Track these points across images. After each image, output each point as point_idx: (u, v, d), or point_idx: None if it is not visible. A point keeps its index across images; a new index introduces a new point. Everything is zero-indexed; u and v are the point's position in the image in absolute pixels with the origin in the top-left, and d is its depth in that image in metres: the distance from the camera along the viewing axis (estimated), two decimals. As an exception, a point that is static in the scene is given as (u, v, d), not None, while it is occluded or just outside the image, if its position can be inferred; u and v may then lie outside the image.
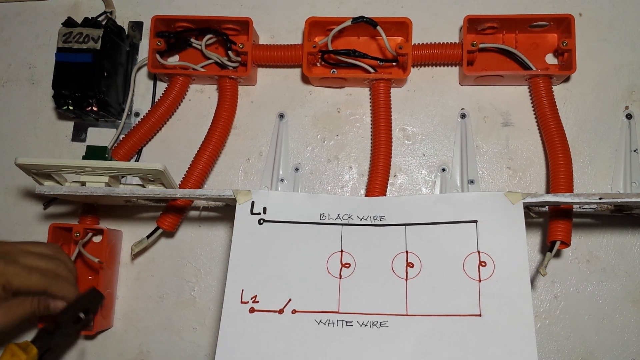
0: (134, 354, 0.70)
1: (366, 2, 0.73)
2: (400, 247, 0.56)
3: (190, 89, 0.73)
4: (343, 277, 0.56)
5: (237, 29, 0.70)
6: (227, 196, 0.57)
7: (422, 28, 0.71)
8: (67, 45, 0.67)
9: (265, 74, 0.73)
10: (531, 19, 0.66)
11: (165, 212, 0.67)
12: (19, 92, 0.75)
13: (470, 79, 0.68)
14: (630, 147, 0.67)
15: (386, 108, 0.67)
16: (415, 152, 0.70)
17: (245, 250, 0.56)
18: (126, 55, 0.73)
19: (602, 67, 0.70)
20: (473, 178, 0.68)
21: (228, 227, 0.71)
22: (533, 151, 0.69)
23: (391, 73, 0.68)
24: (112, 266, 0.69)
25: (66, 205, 0.72)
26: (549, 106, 0.66)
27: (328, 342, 0.53)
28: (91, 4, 0.76)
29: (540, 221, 0.67)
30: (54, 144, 0.74)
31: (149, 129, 0.69)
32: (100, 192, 0.58)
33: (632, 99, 0.69)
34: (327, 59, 0.68)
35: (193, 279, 0.70)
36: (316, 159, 0.71)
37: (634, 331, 0.66)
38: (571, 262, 0.67)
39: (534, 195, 0.55)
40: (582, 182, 0.68)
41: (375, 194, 0.64)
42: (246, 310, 0.54)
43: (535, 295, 0.67)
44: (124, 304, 0.71)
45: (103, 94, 0.67)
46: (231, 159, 0.72)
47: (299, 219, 0.58)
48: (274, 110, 0.72)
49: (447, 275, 0.55)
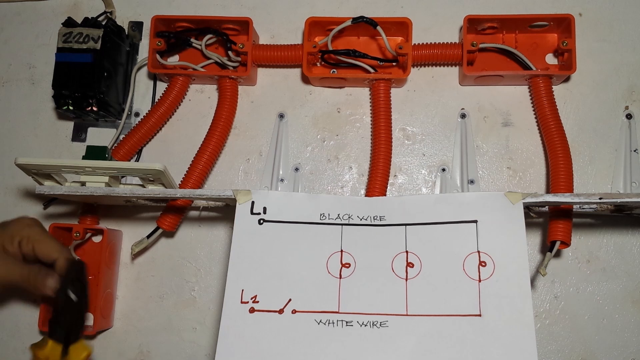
0: (134, 354, 0.70)
1: (366, 2, 0.73)
2: (400, 247, 0.56)
3: (190, 89, 0.73)
4: (343, 277, 0.56)
5: (237, 29, 0.70)
6: (227, 196, 0.57)
7: (422, 28, 0.71)
8: (67, 45, 0.67)
9: (265, 74, 0.73)
10: (531, 19, 0.66)
11: (165, 212, 0.67)
12: (19, 92, 0.75)
13: (470, 79, 0.68)
14: (630, 147, 0.67)
15: (386, 108, 0.67)
16: (415, 152, 0.70)
17: (245, 250, 0.56)
18: (126, 55, 0.73)
19: (602, 67, 0.70)
20: (473, 178, 0.68)
21: (228, 227, 0.70)
22: (533, 151, 0.69)
23: (391, 73, 0.68)
24: (112, 266, 0.69)
25: (66, 205, 0.72)
26: (549, 106, 0.66)
27: (328, 342, 0.53)
28: (91, 4, 0.76)
29: (540, 221, 0.67)
30: (54, 144, 0.74)
31: (149, 129, 0.69)
32: (100, 192, 0.58)
33: (632, 99, 0.69)
34: (327, 59, 0.68)
35: (193, 279, 0.70)
36: (316, 159, 0.71)
37: (634, 331, 0.66)
38: (571, 262, 0.67)
39: (534, 195, 0.55)
40: (582, 182, 0.68)
41: (375, 194, 0.64)
42: (246, 310, 0.54)
43: (535, 295, 0.67)
44: (124, 304, 0.71)
45: (103, 94, 0.67)
46: (231, 159, 0.72)
47: (299, 219, 0.58)
48: (274, 110, 0.72)
49: (447, 275, 0.55)
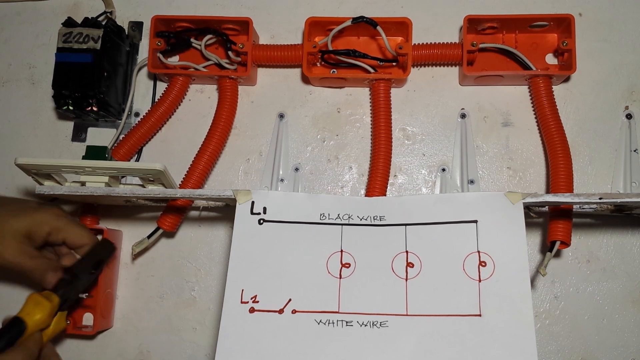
0: (134, 354, 0.70)
1: (366, 2, 0.73)
2: (400, 247, 0.56)
3: (190, 89, 0.73)
4: (343, 277, 0.56)
5: (237, 29, 0.70)
6: (227, 196, 0.57)
7: (422, 28, 0.71)
8: (67, 45, 0.67)
9: (265, 74, 0.73)
10: (531, 19, 0.66)
11: (165, 212, 0.67)
12: (19, 92, 0.75)
13: (470, 79, 0.68)
14: (630, 147, 0.67)
15: (386, 108, 0.67)
16: (415, 152, 0.70)
17: (245, 250, 0.56)
18: (126, 55, 0.73)
19: (602, 67, 0.70)
20: (473, 178, 0.68)
21: (228, 227, 0.70)
22: (533, 151, 0.69)
23: (391, 73, 0.68)
24: (112, 266, 0.69)
25: (66, 206, 0.72)
26: (549, 106, 0.66)
27: (328, 342, 0.53)
28: (91, 4, 0.76)
29: (540, 221, 0.67)
30: (54, 144, 0.74)
31: (149, 129, 0.69)
32: (100, 192, 0.58)
33: (632, 99, 0.69)
34: (327, 59, 0.68)
35: (193, 279, 0.70)
36: (316, 159, 0.71)
37: (634, 331, 0.66)
38: (571, 262, 0.67)
39: (534, 195, 0.55)
40: (582, 182, 0.68)
41: (375, 194, 0.64)
42: (246, 310, 0.54)
43: (535, 295, 0.67)
44: (124, 304, 0.71)
45: (103, 94, 0.67)
46: (231, 159, 0.72)
47: (299, 219, 0.58)
48: (274, 110, 0.72)
49: (447, 275, 0.55)
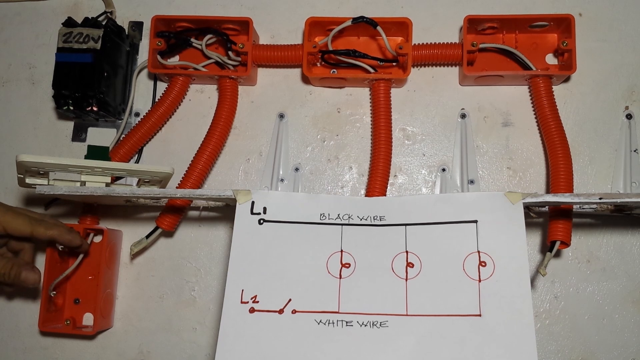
0: (134, 354, 0.70)
1: (366, 2, 0.73)
2: (400, 247, 0.56)
3: (190, 89, 0.73)
4: (343, 277, 0.56)
5: (237, 29, 0.70)
6: (227, 196, 0.57)
7: (422, 28, 0.71)
8: (67, 45, 0.67)
9: (265, 74, 0.73)
10: (531, 19, 0.66)
11: (164, 212, 0.67)
12: (19, 92, 0.75)
13: (470, 79, 0.68)
14: (630, 147, 0.67)
15: (386, 108, 0.67)
16: (415, 152, 0.70)
17: (245, 250, 0.56)
18: (126, 55, 0.73)
19: (602, 67, 0.69)
20: (473, 178, 0.68)
21: (228, 227, 0.70)
22: (533, 151, 0.69)
23: (391, 73, 0.68)
24: (112, 266, 0.69)
25: (66, 206, 0.72)
26: (549, 106, 0.66)
27: (328, 342, 0.53)
28: (91, 4, 0.76)
29: (540, 221, 0.67)
30: (54, 144, 0.74)
31: (149, 129, 0.69)
32: (100, 192, 0.58)
33: (632, 99, 0.69)
34: (327, 59, 0.68)
35: (193, 279, 0.70)
36: (316, 159, 0.71)
37: (634, 331, 0.66)
38: (571, 262, 0.67)
39: (534, 195, 0.55)
40: (582, 182, 0.68)
41: (375, 194, 0.64)
42: (246, 310, 0.54)
43: (535, 295, 0.67)
44: (124, 304, 0.71)
45: (103, 94, 0.67)
46: (231, 159, 0.72)
47: (299, 219, 0.58)
48: (274, 110, 0.72)
49: (447, 275, 0.55)
